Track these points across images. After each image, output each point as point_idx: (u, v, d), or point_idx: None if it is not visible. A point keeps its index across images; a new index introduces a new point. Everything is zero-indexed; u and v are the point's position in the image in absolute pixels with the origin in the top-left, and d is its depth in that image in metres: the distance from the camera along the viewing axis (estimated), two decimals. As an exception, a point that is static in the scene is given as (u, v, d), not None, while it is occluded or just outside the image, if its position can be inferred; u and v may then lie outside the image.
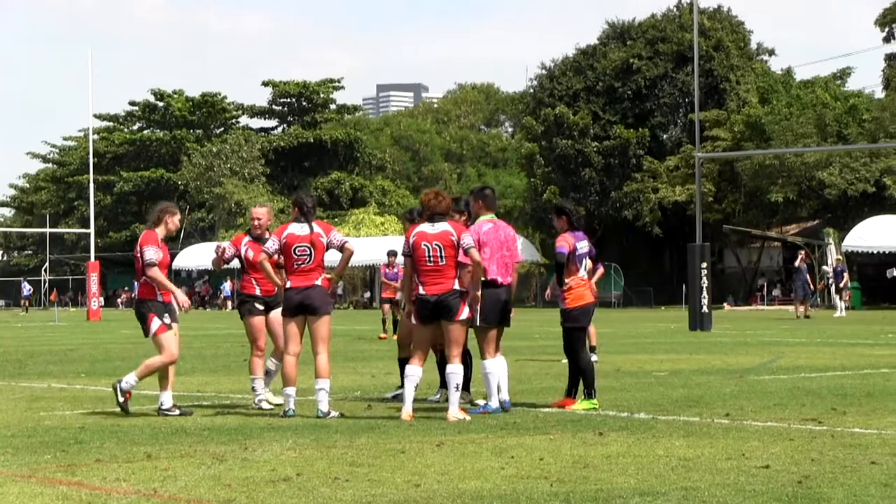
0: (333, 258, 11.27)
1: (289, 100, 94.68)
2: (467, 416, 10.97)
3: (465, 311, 11.16)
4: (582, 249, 11.97)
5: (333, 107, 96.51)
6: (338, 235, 11.59)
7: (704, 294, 32.30)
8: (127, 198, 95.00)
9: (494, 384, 11.54)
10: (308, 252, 11.43)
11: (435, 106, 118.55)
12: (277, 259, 11.51)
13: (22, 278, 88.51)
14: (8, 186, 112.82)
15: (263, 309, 12.41)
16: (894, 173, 56.76)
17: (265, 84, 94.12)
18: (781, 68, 69.69)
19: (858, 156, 57.50)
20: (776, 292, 61.96)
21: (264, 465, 8.34)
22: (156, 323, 11.64)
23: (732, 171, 62.67)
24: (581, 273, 11.97)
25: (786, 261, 63.03)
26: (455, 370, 11.09)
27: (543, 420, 10.94)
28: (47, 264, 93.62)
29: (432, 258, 11.09)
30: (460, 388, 11.19)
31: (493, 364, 11.55)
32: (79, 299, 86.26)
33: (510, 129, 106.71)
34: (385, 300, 27.64)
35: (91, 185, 60.65)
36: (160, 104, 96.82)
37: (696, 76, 36.98)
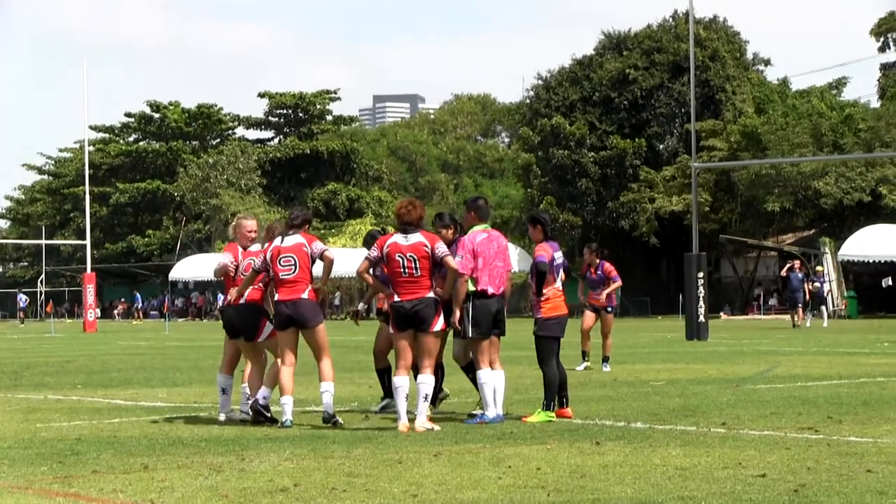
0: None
1: (285, 111, 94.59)
2: (436, 427, 10.98)
3: (440, 323, 11.17)
4: (558, 260, 12.00)
5: (330, 118, 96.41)
6: (318, 245, 11.70)
7: (701, 303, 32.32)
8: (123, 209, 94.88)
9: (490, 394, 11.54)
10: (293, 262, 11.55)
11: (431, 117, 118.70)
12: (266, 274, 11.71)
13: (18, 290, 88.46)
14: (4, 198, 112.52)
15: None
16: (890, 182, 56.79)
17: (261, 95, 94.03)
18: (777, 78, 69.70)
19: (854, 165, 57.52)
20: (772, 302, 61.96)
21: (261, 476, 8.34)
22: (269, 327, 11.90)
23: (729, 181, 62.68)
24: (557, 284, 11.96)
25: (782, 270, 63.04)
26: (426, 380, 11.09)
27: (540, 430, 10.95)
28: (43, 276, 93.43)
29: (407, 270, 11.11)
30: (429, 399, 11.20)
31: (489, 374, 11.55)
32: (75, 311, 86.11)
33: (507, 140, 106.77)
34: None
35: (87, 197, 60.64)
36: (156, 115, 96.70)
37: (693, 86, 37.02)
